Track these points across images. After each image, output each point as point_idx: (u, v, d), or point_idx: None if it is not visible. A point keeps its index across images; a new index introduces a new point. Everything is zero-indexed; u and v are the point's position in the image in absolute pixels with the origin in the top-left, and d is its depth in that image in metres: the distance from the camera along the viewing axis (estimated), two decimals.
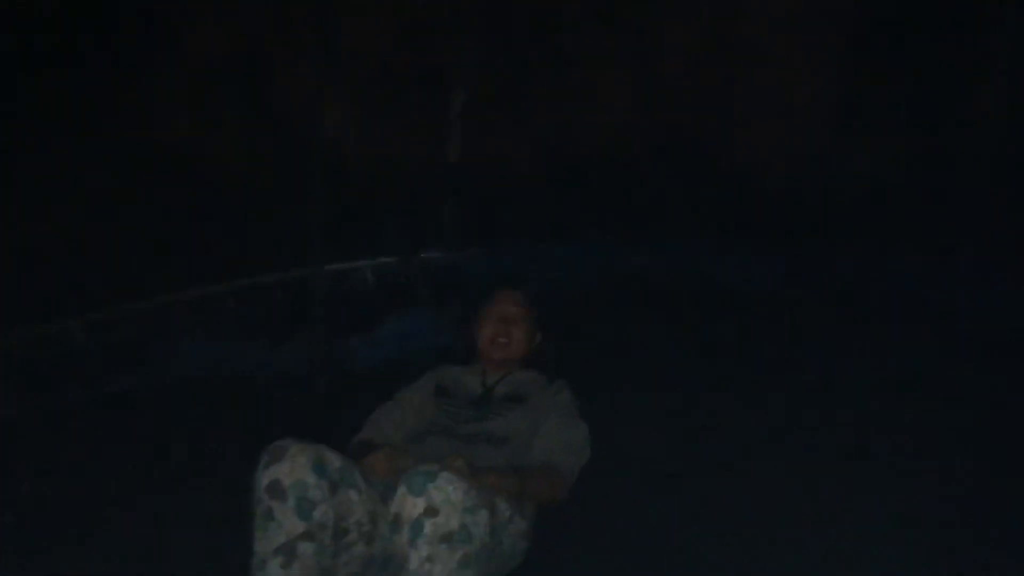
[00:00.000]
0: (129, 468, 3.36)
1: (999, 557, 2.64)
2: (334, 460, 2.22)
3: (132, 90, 5.70)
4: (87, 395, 4.10)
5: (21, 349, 4.39)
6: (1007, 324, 4.45)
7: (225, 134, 5.68)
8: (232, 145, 5.63)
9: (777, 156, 5.96)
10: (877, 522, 2.90)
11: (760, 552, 2.75)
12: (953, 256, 5.34)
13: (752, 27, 6.33)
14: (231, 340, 4.76)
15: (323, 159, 4.51)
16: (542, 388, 2.72)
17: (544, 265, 5.11)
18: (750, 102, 6.21)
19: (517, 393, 2.69)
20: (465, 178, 5.30)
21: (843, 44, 6.34)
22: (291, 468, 2.12)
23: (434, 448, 2.48)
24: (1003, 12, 5.75)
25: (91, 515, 3.07)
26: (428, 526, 1.96)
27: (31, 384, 4.16)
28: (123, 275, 5.05)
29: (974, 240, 5.41)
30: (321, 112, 5.02)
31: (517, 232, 5.35)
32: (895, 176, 6.25)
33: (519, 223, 5.42)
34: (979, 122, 5.91)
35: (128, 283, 4.95)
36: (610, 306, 4.66)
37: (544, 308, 2.91)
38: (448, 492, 1.98)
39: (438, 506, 1.96)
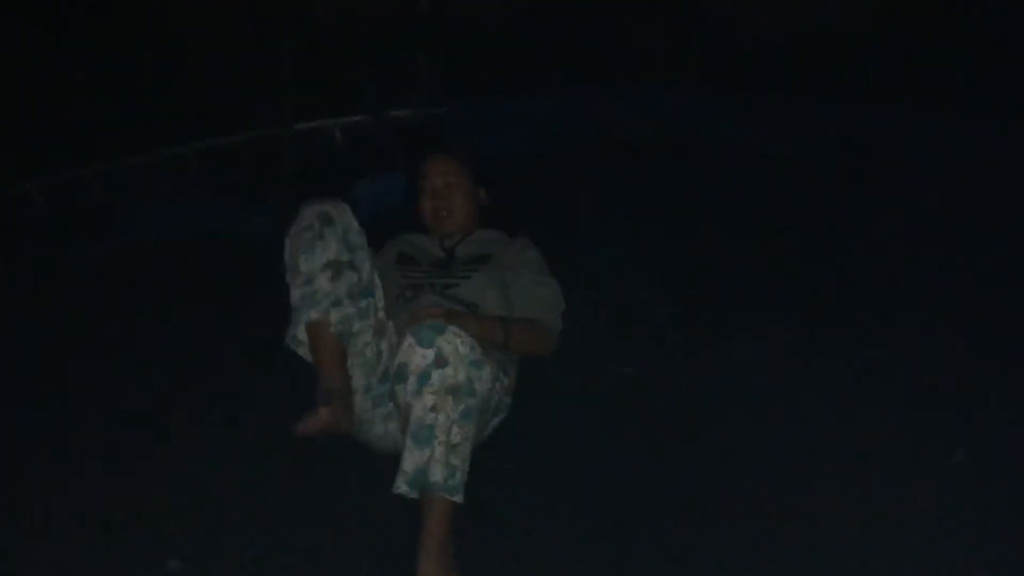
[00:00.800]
0: (106, 338, 3.31)
1: None
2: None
3: None
4: (50, 261, 4.00)
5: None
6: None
7: None
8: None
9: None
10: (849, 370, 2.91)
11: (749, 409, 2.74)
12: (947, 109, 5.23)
13: None
14: (199, 202, 4.65)
15: (290, 11, 4.29)
16: (505, 245, 2.69)
17: (520, 121, 4.97)
18: None
19: (480, 253, 2.65)
20: (436, 29, 5.08)
21: None
22: (339, 210, 2.29)
23: (404, 309, 2.46)
24: None
25: (67, 383, 3.03)
26: (435, 376, 1.99)
27: None
28: (84, 137, 4.89)
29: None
30: None
31: (491, 87, 5.17)
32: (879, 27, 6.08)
33: (493, 77, 5.24)
34: None
35: (90, 145, 4.80)
36: (586, 162, 4.55)
37: (480, 161, 2.82)
38: (456, 345, 2.01)
39: (447, 357, 1.99)
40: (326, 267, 2.21)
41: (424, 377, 1.99)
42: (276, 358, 2.50)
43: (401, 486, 1.99)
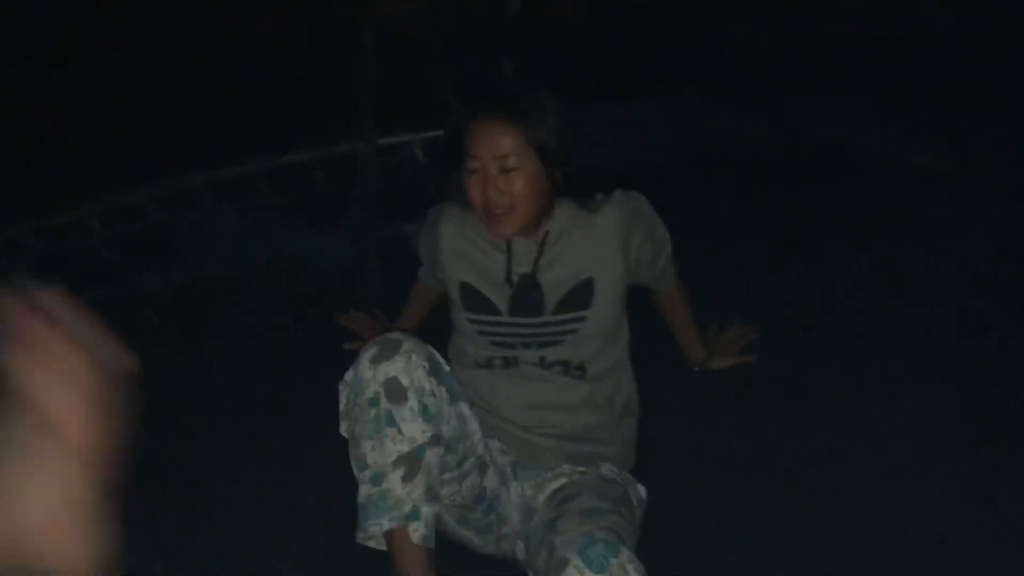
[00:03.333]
0: (172, 380, 2.92)
1: None
2: (444, 364, 1.83)
3: None
4: (111, 294, 3.60)
5: (32, 243, 3.86)
6: None
7: None
8: (263, 6, 4.99)
9: None
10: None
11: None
12: None
13: None
14: (268, 226, 4.23)
15: (364, 22, 3.85)
16: (606, 236, 1.92)
17: (617, 128, 4.51)
18: None
19: (574, 276, 1.93)
20: (521, 36, 4.63)
21: None
22: (407, 366, 1.72)
23: (496, 390, 1.97)
24: None
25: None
26: None
27: (40, 278, 3.66)
28: (142, 156, 4.50)
29: None
30: None
31: (581, 94, 4.70)
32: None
33: (581, 83, 4.77)
34: None
35: (150, 165, 4.40)
36: (691, 172, 4.09)
37: (558, 119, 1.85)
38: (630, 572, 1.57)
39: None
40: (398, 463, 1.72)
41: None
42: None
43: None
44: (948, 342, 3.06)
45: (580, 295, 1.92)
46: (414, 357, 1.73)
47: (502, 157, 1.81)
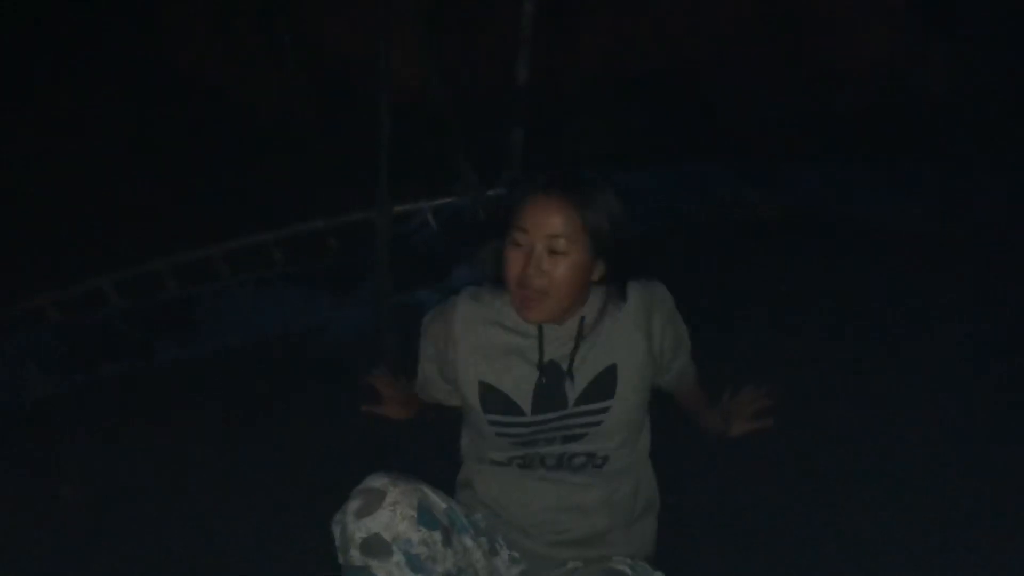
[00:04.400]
0: (194, 457, 2.93)
1: None
2: (438, 501, 1.72)
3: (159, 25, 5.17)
4: (131, 367, 3.63)
5: (48, 314, 3.89)
6: None
7: (261, 65, 5.12)
8: (269, 78, 5.07)
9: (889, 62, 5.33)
10: None
11: None
12: None
13: None
14: (284, 297, 4.26)
15: (380, 91, 3.90)
16: (632, 333, 1.86)
17: (631, 198, 4.54)
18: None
19: (601, 367, 1.85)
20: (533, 104, 4.68)
21: None
22: (391, 520, 1.63)
23: (511, 493, 1.86)
24: None
25: (159, 508, 2.67)
26: None
27: (60, 353, 3.68)
28: (158, 227, 4.56)
29: None
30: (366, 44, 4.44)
31: (594, 161, 4.78)
32: None
33: (595, 151, 4.84)
34: None
35: (164, 237, 4.45)
36: (713, 243, 4.11)
37: (612, 213, 1.71)
38: None
39: None
40: None
41: None
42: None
43: None
44: (956, 410, 3.05)
45: (604, 384, 1.81)
46: (399, 509, 1.63)
47: (553, 237, 1.69)
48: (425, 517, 1.65)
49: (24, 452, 3.04)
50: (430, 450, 2.41)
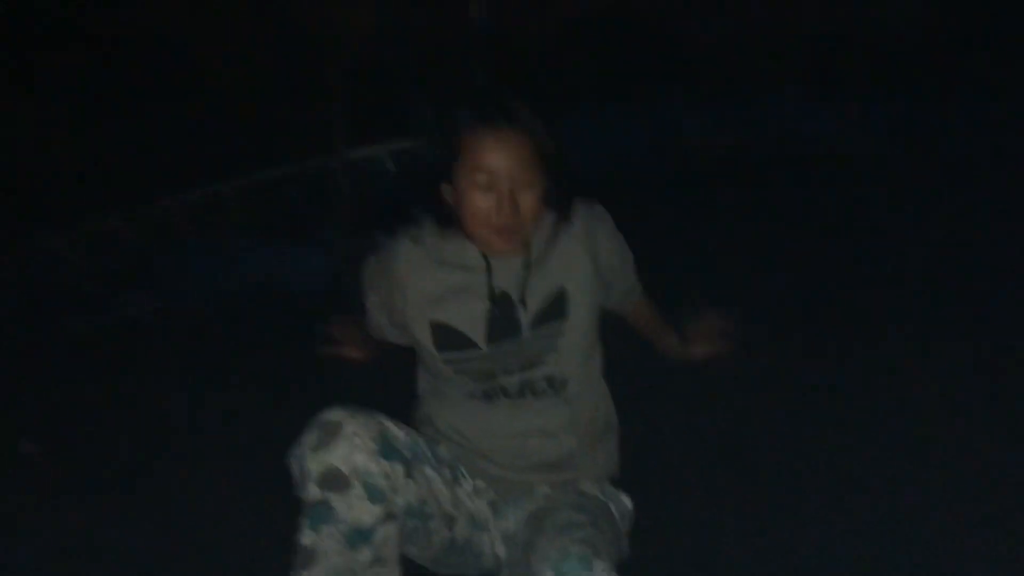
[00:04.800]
0: (159, 408, 2.93)
1: None
2: (398, 432, 1.71)
3: None
4: (89, 322, 3.59)
5: (6, 270, 3.84)
6: None
7: (212, 11, 5.01)
8: (226, 25, 4.96)
9: None
10: None
11: None
12: None
13: None
14: (243, 246, 4.22)
15: (328, 36, 3.85)
16: (578, 254, 1.85)
17: (591, 137, 4.52)
18: None
19: (554, 290, 1.83)
20: (490, 43, 4.62)
21: None
22: (349, 453, 1.61)
23: (475, 424, 1.88)
24: None
25: (123, 463, 2.69)
26: None
27: (19, 311, 3.63)
28: (113, 180, 4.48)
29: None
30: None
31: (553, 102, 4.73)
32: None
33: (553, 90, 4.79)
34: None
35: (122, 190, 4.38)
36: (668, 180, 4.11)
37: (547, 132, 1.70)
38: None
39: None
40: (342, 542, 1.63)
41: None
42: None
43: None
44: (933, 335, 3.10)
45: (555, 307, 1.82)
46: (357, 440, 1.61)
47: (519, 172, 1.68)
48: (385, 448, 1.64)
49: None
50: (394, 390, 2.42)
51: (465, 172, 1.69)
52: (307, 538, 1.62)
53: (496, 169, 1.68)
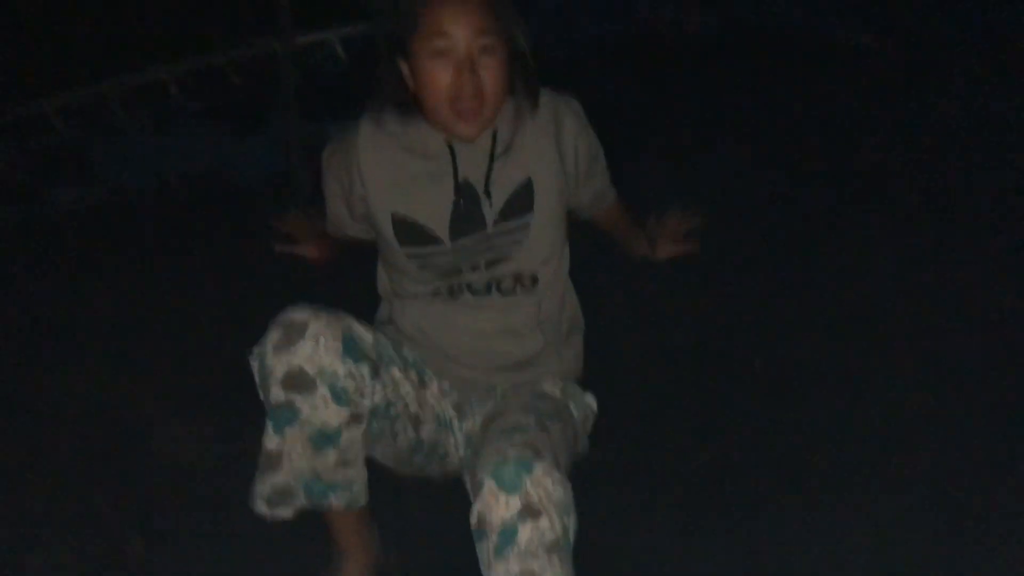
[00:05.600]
0: (97, 304, 2.79)
1: None
2: (365, 333, 1.64)
3: None
4: (22, 213, 3.41)
5: None
6: None
7: None
8: None
9: None
10: None
11: None
12: None
13: None
14: (185, 134, 4.02)
15: None
16: (546, 142, 1.74)
17: (543, 15, 4.34)
18: None
19: (520, 179, 1.73)
20: None
21: None
22: (314, 352, 1.54)
23: (439, 323, 1.80)
24: None
25: (57, 357, 2.58)
26: (526, 532, 1.41)
27: None
28: (43, 64, 4.21)
29: None
30: None
31: None
32: None
33: None
34: None
35: (51, 74, 4.12)
36: (637, 64, 3.97)
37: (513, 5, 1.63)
38: (548, 488, 1.43)
39: (539, 507, 1.41)
40: (307, 445, 1.59)
41: (509, 533, 1.42)
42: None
43: None
44: (897, 222, 3.08)
45: (521, 199, 1.72)
46: (323, 340, 1.55)
47: (480, 34, 1.56)
48: (351, 349, 1.57)
49: None
50: (349, 288, 2.31)
51: (423, 42, 1.57)
52: (271, 441, 1.58)
53: (455, 34, 1.55)
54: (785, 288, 2.80)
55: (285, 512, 1.66)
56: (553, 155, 1.74)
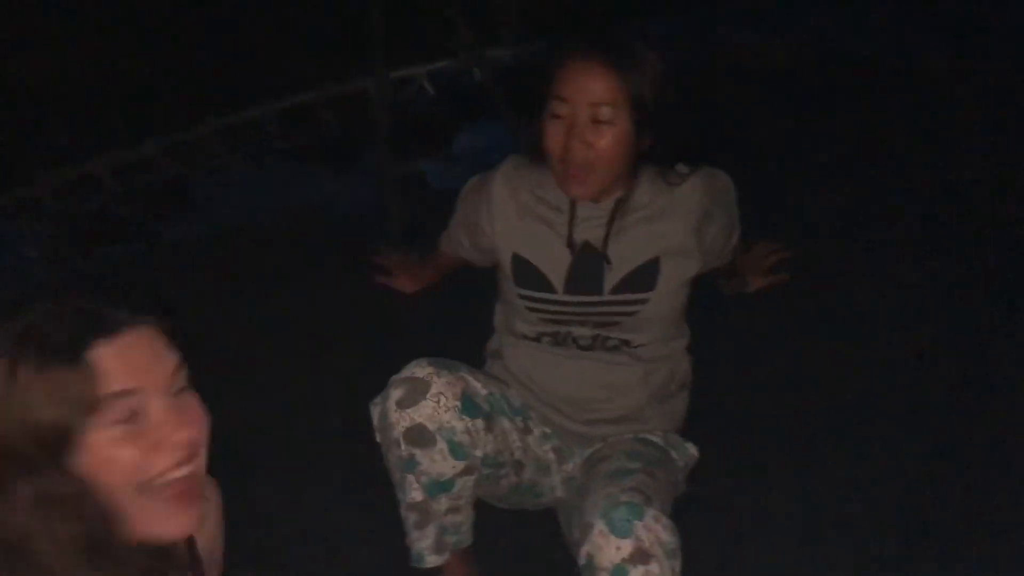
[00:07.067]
0: (203, 337, 2.89)
1: None
2: (479, 387, 1.74)
3: None
4: (131, 250, 3.55)
5: (44, 201, 3.79)
6: None
7: None
8: None
9: None
10: None
11: None
12: None
13: None
14: (283, 172, 4.14)
15: None
16: (680, 214, 1.75)
17: None
18: None
19: (644, 256, 1.75)
20: None
21: None
22: (435, 411, 1.64)
23: (543, 368, 1.86)
24: None
25: None
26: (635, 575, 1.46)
27: (58, 244, 3.60)
28: (146, 106, 4.40)
29: None
30: None
31: (596, 11, 4.54)
32: None
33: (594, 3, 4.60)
34: None
35: (153, 115, 4.30)
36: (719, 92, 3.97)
37: (657, 77, 1.63)
38: (659, 533, 1.48)
39: (650, 552, 1.46)
40: (411, 509, 1.78)
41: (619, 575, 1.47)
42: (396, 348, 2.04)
43: None
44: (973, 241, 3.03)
45: (645, 275, 1.74)
46: (443, 400, 1.64)
47: (596, 105, 1.60)
48: (468, 406, 1.67)
49: None
50: (445, 322, 2.38)
51: (549, 102, 1.64)
52: (418, 494, 1.71)
53: (572, 100, 1.60)
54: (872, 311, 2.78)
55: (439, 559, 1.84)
56: (690, 237, 1.76)
